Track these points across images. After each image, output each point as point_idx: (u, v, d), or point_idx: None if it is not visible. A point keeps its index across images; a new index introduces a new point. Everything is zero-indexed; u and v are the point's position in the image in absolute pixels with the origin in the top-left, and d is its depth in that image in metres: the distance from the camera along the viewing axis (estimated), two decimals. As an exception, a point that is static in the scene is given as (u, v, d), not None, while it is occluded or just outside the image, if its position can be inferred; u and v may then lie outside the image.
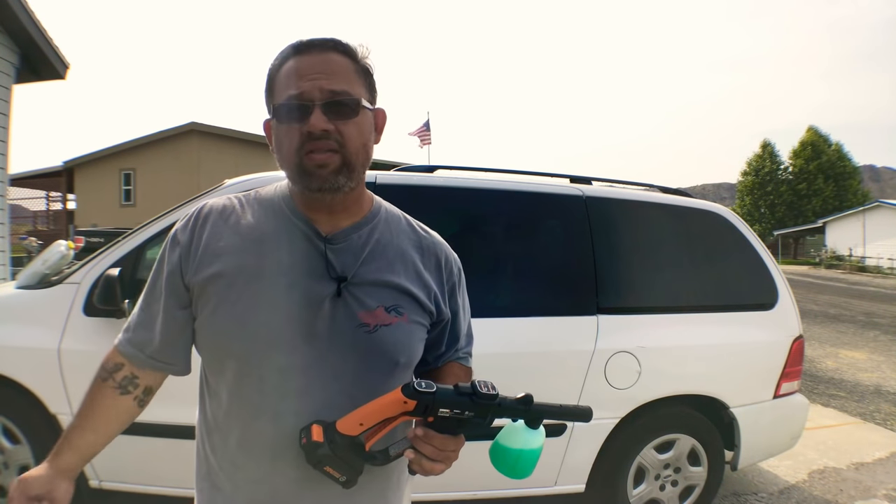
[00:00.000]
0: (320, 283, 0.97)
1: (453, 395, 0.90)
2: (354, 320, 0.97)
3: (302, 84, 0.92)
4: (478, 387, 0.91)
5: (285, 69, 0.95)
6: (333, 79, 0.93)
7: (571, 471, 2.72)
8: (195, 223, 1.02)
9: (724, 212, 3.18)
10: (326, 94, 0.92)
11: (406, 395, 0.89)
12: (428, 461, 0.90)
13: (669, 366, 2.81)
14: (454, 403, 0.90)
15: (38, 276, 2.72)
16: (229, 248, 0.98)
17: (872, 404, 5.55)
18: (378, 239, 1.03)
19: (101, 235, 14.39)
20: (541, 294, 2.81)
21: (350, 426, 0.89)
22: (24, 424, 2.56)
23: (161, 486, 2.55)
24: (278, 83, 0.96)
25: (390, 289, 1.00)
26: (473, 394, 0.90)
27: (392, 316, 0.99)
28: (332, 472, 0.90)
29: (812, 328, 9.91)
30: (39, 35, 6.31)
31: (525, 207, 2.91)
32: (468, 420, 0.91)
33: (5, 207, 6.31)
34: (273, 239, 0.98)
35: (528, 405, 0.92)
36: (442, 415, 0.90)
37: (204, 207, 1.04)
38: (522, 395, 0.92)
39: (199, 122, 20.73)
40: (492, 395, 0.90)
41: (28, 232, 20.17)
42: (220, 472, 1.01)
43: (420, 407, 0.89)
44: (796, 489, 3.59)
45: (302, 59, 0.94)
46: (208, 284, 0.97)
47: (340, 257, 0.99)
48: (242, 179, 2.73)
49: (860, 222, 34.07)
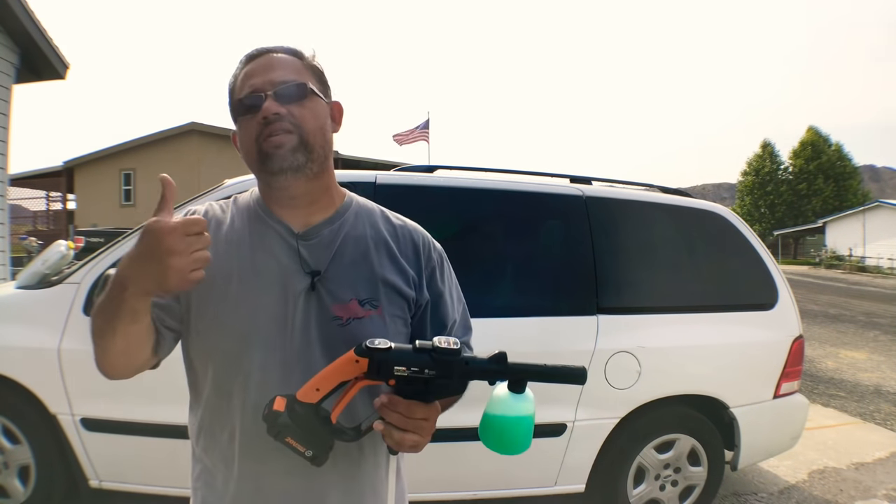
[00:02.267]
0: (295, 278, 0.99)
1: (410, 352, 0.86)
2: (328, 314, 0.99)
3: (253, 82, 0.99)
4: (437, 342, 0.86)
5: (239, 78, 1.02)
6: (281, 71, 0.99)
7: (571, 471, 2.72)
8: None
9: (724, 212, 3.18)
10: (276, 84, 0.98)
11: (357, 353, 0.85)
12: (398, 431, 0.87)
13: (669, 366, 2.81)
14: (411, 361, 0.85)
15: (38, 276, 2.72)
16: (213, 252, 0.96)
17: (872, 404, 5.55)
18: (350, 232, 1.05)
19: (101, 235, 14.40)
20: (541, 294, 2.81)
21: (307, 393, 0.86)
22: (24, 424, 2.56)
23: (161, 486, 2.55)
24: (235, 92, 1.02)
25: (364, 280, 1.02)
26: (433, 350, 0.85)
27: (366, 309, 1.00)
28: (296, 445, 0.86)
29: (812, 328, 9.91)
30: (39, 35, 6.31)
31: (525, 207, 2.91)
32: (433, 381, 0.85)
33: (5, 207, 6.31)
34: (248, 241, 1.02)
35: (502, 363, 0.87)
36: (398, 373, 0.84)
37: (193, 209, 1.06)
38: (497, 353, 0.87)
39: (199, 122, 20.71)
40: (453, 350, 0.85)
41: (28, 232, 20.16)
42: (214, 470, 1.02)
43: (373, 366, 0.84)
44: (796, 489, 3.59)
45: (252, 64, 1.01)
46: (192, 290, 0.94)
47: (314, 252, 1.01)
48: (242, 179, 2.73)
49: (860, 222, 34.07)
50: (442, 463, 2.52)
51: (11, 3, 5.88)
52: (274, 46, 1.03)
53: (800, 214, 45.49)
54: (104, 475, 2.55)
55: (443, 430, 1.05)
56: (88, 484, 2.55)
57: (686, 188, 3.66)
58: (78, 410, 2.48)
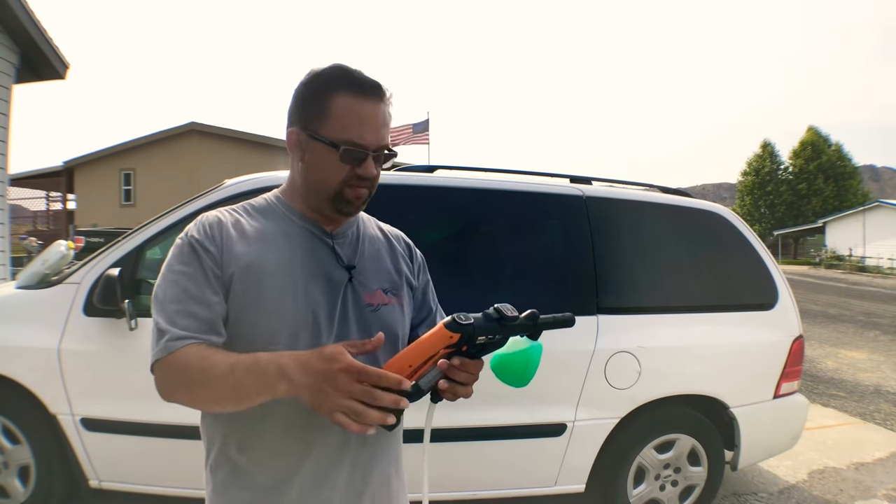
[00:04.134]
0: (335, 272, 1.10)
1: (485, 322, 0.97)
2: (362, 302, 1.11)
3: (366, 134, 1.05)
4: (503, 311, 0.98)
5: (346, 106, 1.04)
6: (384, 132, 1.08)
7: (571, 471, 2.72)
8: (210, 228, 1.06)
9: (724, 212, 3.18)
10: (381, 147, 1.08)
11: (451, 329, 0.95)
12: (461, 387, 1.00)
13: (669, 366, 2.81)
14: (488, 330, 0.97)
15: (38, 276, 2.72)
16: (249, 248, 1.06)
17: (872, 404, 5.55)
18: (364, 233, 1.20)
19: (101, 235, 14.39)
20: (540, 294, 2.81)
21: (400, 368, 0.95)
22: (24, 424, 2.56)
23: (161, 486, 2.55)
24: (334, 115, 1.04)
25: (384, 273, 1.18)
26: (501, 318, 0.98)
27: (389, 297, 1.15)
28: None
29: (812, 328, 9.91)
30: (39, 35, 6.31)
31: (525, 207, 2.91)
32: (493, 343, 0.99)
33: (5, 207, 6.31)
34: (285, 238, 1.10)
35: (536, 320, 1.01)
36: (479, 342, 0.97)
37: (207, 216, 1.08)
38: (530, 312, 1.01)
39: (199, 122, 20.72)
40: (514, 316, 0.98)
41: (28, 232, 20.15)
42: (254, 468, 1.03)
43: (464, 339, 0.96)
44: (796, 489, 3.59)
45: (364, 105, 1.05)
46: (242, 278, 1.03)
47: (345, 250, 1.14)
48: (242, 179, 2.73)
49: (860, 222, 34.08)
50: (442, 463, 2.52)
51: (11, 3, 5.87)
52: (379, 87, 1.06)
53: (800, 214, 45.50)
54: (104, 475, 2.55)
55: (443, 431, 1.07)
56: (88, 484, 2.55)
57: (686, 188, 3.67)
58: (78, 410, 2.48)
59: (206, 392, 0.96)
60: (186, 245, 1.04)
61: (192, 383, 0.96)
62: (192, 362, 0.95)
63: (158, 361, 0.97)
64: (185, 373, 0.96)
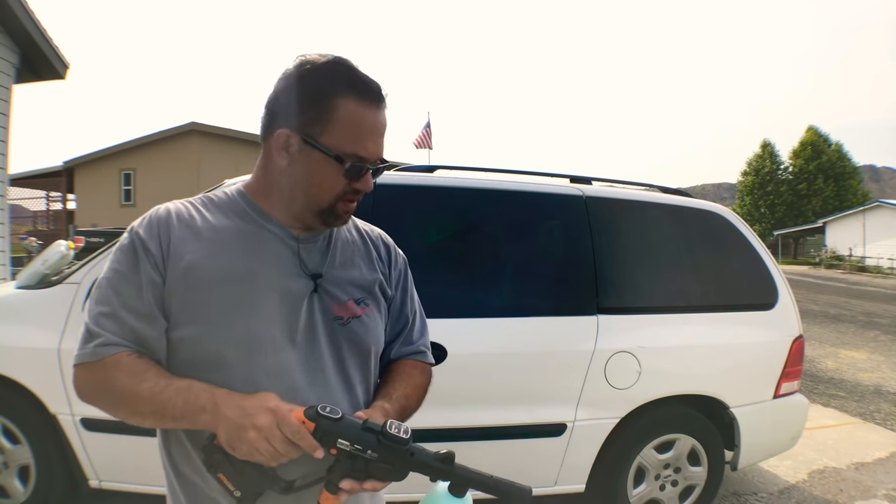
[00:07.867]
0: (296, 281, 1.00)
1: (358, 428, 0.83)
2: (329, 314, 1.01)
3: (370, 147, 0.97)
4: (388, 426, 0.83)
5: (351, 113, 0.95)
6: (383, 141, 1.01)
7: (571, 471, 2.71)
8: (157, 225, 0.97)
9: (724, 212, 3.18)
10: (379, 160, 1.00)
11: (307, 415, 0.83)
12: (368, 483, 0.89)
13: (669, 366, 2.81)
14: (357, 438, 0.83)
15: (38, 276, 2.72)
16: (198, 251, 0.95)
17: (872, 404, 5.55)
18: (337, 237, 1.09)
19: (101, 235, 14.39)
20: (541, 294, 2.81)
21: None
22: (24, 424, 2.56)
23: (161, 486, 2.54)
24: (339, 123, 0.94)
25: (356, 282, 1.07)
26: (382, 433, 0.83)
27: (361, 308, 1.05)
28: (226, 483, 0.86)
29: (812, 328, 9.91)
30: (39, 35, 6.31)
31: (525, 207, 2.91)
32: (373, 463, 0.83)
33: (5, 207, 6.31)
34: (243, 242, 0.99)
35: (448, 464, 0.83)
36: (341, 447, 0.83)
37: (158, 209, 1.00)
38: (444, 452, 0.83)
39: (199, 122, 20.72)
40: (401, 438, 0.82)
41: (28, 232, 20.15)
42: (195, 480, 0.99)
43: (318, 431, 0.83)
44: (796, 489, 3.59)
45: (370, 114, 0.97)
46: (185, 286, 0.93)
47: (311, 256, 1.03)
48: (242, 179, 2.73)
49: (860, 222, 34.06)
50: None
51: (11, 3, 5.87)
52: (382, 94, 0.99)
53: (800, 214, 45.49)
54: (104, 475, 2.55)
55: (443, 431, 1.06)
56: (88, 484, 2.55)
57: (686, 188, 3.67)
58: (78, 410, 2.47)
59: (129, 405, 0.90)
60: (128, 243, 0.96)
61: (116, 393, 0.90)
62: (121, 373, 0.89)
63: (84, 364, 0.91)
64: (110, 382, 0.90)
